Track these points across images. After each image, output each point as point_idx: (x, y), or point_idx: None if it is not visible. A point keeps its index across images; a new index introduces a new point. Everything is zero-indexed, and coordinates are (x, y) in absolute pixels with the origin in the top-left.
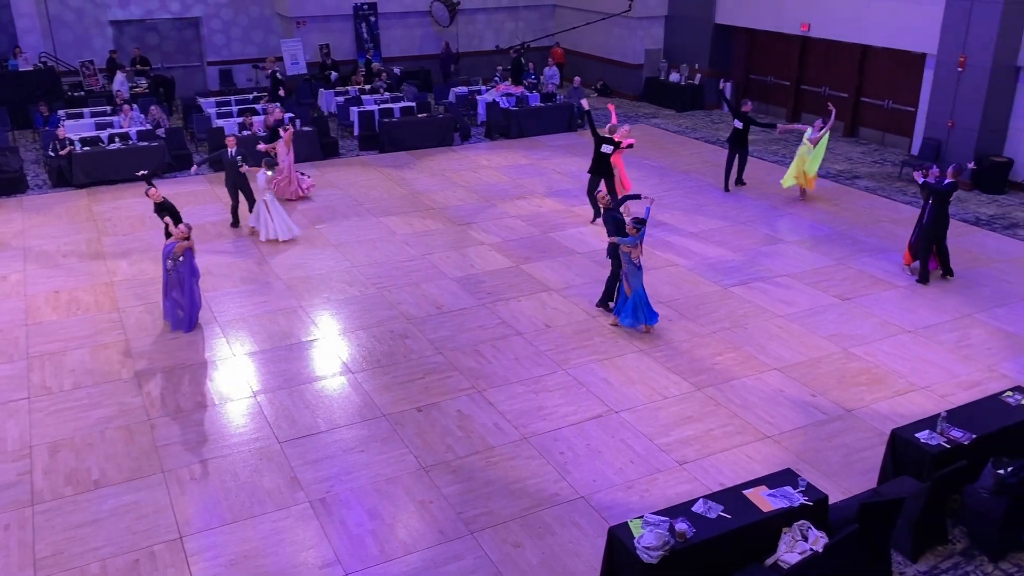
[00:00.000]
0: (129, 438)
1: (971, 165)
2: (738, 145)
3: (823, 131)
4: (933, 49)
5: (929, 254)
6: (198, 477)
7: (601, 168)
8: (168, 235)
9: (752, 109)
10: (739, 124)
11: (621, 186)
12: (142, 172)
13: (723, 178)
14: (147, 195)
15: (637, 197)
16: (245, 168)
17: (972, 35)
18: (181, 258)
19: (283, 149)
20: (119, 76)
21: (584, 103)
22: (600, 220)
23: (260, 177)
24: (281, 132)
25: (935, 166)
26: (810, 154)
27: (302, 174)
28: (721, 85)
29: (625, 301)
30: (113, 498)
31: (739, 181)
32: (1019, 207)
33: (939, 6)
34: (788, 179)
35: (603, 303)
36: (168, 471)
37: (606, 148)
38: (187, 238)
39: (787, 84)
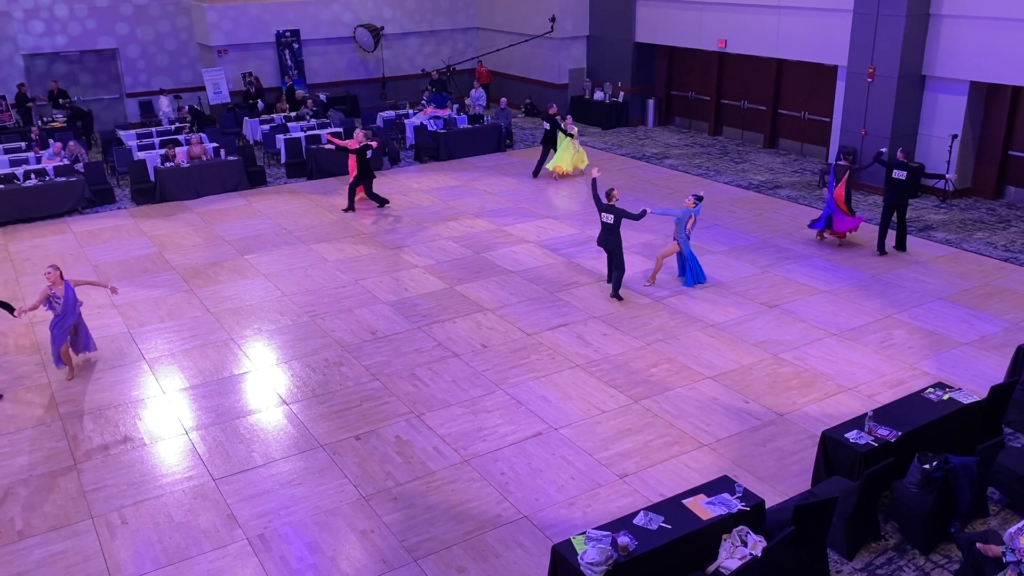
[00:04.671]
0: (54, 485)
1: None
2: (547, 143)
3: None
4: (844, 61)
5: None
6: (129, 521)
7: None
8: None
9: (557, 111)
10: (547, 125)
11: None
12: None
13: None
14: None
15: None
16: None
17: (879, 47)
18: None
19: None
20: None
21: None
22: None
23: None
24: None
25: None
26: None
27: None
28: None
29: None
30: (40, 548)
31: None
32: (932, 210)
33: (847, 20)
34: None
35: (616, 293)
36: (97, 516)
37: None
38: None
39: (707, 99)
